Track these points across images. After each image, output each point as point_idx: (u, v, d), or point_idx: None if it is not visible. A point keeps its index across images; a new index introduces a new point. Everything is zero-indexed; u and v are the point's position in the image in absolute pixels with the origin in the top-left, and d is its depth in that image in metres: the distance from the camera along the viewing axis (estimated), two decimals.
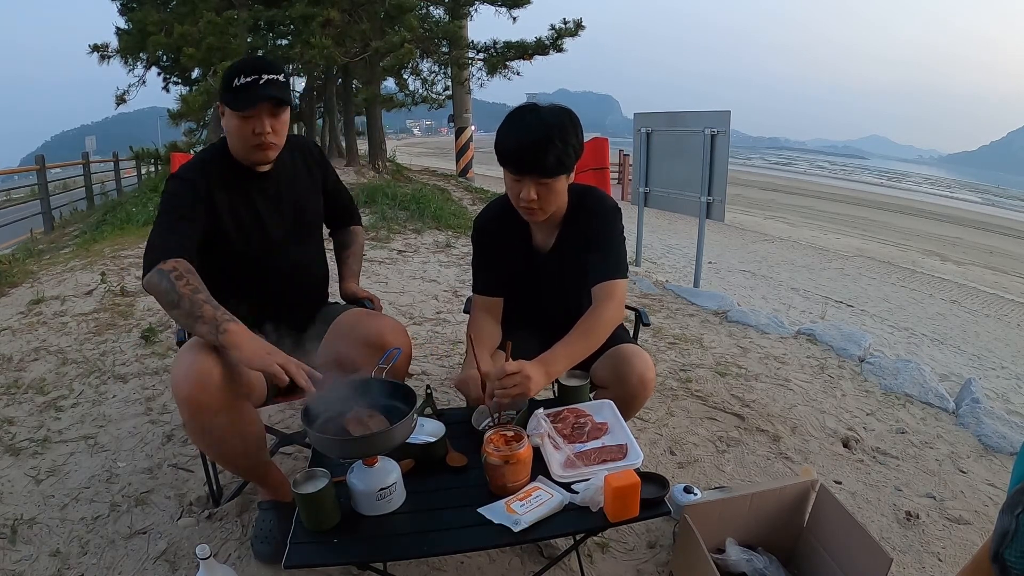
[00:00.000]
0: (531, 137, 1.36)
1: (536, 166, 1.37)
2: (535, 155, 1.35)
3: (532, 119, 1.38)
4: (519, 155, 1.38)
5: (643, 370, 1.48)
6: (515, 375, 1.25)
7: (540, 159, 1.36)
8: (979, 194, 38.68)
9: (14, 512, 1.66)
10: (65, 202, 9.73)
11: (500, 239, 1.61)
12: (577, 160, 1.42)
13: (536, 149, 1.35)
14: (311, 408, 1.18)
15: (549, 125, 1.36)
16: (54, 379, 2.47)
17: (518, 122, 1.39)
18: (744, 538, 1.49)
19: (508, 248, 1.61)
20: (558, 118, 1.39)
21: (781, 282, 6.52)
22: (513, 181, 1.42)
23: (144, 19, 8.08)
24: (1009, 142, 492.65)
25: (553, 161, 1.36)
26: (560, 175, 1.40)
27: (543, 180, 1.39)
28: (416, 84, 12.37)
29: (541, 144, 1.35)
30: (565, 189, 1.47)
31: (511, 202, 1.49)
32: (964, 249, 12.65)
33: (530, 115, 1.40)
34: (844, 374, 2.87)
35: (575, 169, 1.46)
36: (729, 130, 4.06)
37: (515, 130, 1.39)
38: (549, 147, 1.35)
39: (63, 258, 4.68)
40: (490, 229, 1.62)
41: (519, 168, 1.39)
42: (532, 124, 1.37)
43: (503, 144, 1.39)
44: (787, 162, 61.25)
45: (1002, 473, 2.14)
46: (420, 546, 1.11)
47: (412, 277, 4.08)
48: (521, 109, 1.43)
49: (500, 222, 1.59)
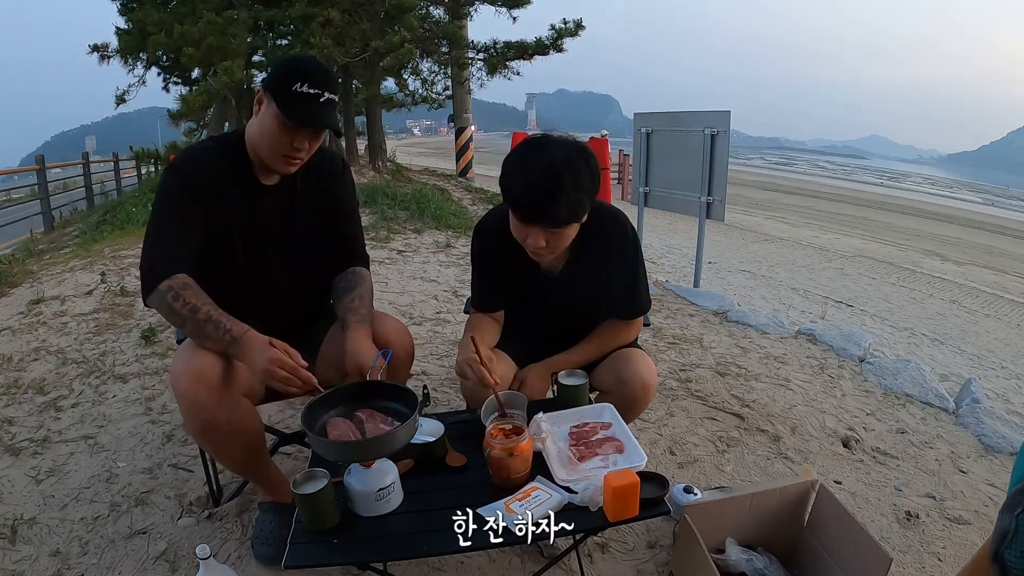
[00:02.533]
0: (540, 184, 1.22)
1: (545, 216, 1.25)
2: (544, 204, 1.23)
3: (541, 162, 1.24)
4: (527, 203, 1.26)
5: (646, 375, 1.48)
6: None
7: (549, 209, 1.23)
8: (979, 194, 38.67)
9: (14, 512, 1.66)
10: (65, 202, 9.73)
11: (502, 257, 1.49)
12: (592, 204, 1.31)
13: (545, 198, 1.22)
14: (311, 411, 1.18)
15: (559, 169, 1.22)
16: (54, 379, 2.47)
17: (525, 164, 1.26)
18: (744, 538, 1.49)
19: (511, 268, 1.50)
20: (569, 160, 1.24)
21: (781, 282, 6.52)
22: (520, 225, 1.30)
23: (144, 19, 8.06)
24: (1009, 142, 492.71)
25: (565, 211, 1.24)
26: (572, 224, 1.29)
27: (553, 229, 1.28)
28: (416, 84, 12.36)
29: (551, 193, 1.22)
30: (577, 229, 1.34)
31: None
32: (964, 249, 12.64)
33: (539, 156, 1.25)
34: (844, 374, 2.87)
35: None
36: (729, 130, 4.05)
37: (523, 172, 1.25)
38: (559, 195, 1.22)
39: (63, 258, 4.68)
40: (491, 246, 1.51)
41: (526, 217, 1.27)
42: (541, 167, 1.23)
43: (509, 187, 1.28)
44: (787, 162, 61.22)
45: (1002, 473, 2.14)
46: (420, 546, 1.11)
47: (412, 277, 4.08)
48: (529, 146, 1.29)
49: (502, 239, 1.43)
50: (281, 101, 1.28)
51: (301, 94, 1.27)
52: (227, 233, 1.40)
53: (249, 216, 1.42)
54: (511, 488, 1.19)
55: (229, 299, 1.36)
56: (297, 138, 1.31)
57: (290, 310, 1.55)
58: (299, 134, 1.31)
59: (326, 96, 1.29)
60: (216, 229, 1.38)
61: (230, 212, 1.39)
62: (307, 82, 1.26)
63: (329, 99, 1.30)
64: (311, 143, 1.35)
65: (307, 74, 1.27)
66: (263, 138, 1.33)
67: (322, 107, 1.29)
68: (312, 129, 1.32)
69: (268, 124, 1.31)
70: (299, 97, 1.27)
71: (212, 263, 1.40)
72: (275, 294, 1.51)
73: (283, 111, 1.28)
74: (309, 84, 1.26)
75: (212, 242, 1.39)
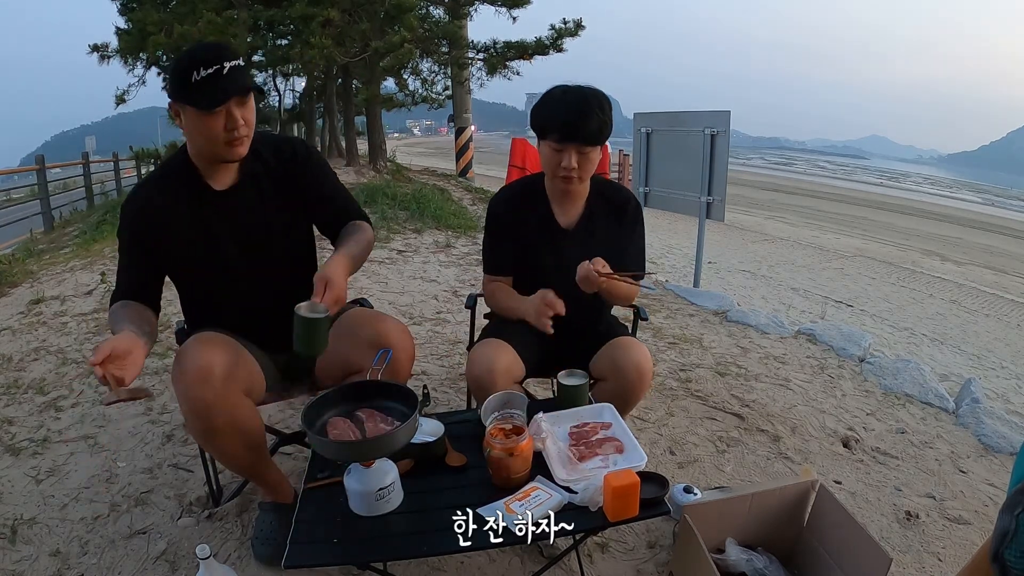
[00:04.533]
0: (576, 107, 1.46)
1: (580, 133, 1.46)
2: (581, 123, 1.45)
3: (573, 92, 1.50)
4: (565, 124, 1.47)
5: (640, 360, 1.52)
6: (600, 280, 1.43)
7: (585, 126, 1.46)
8: (979, 194, 38.66)
9: (14, 512, 1.66)
10: (65, 202, 9.71)
11: (518, 216, 1.67)
12: (609, 133, 1.53)
13: (582, 117, 1.46)
14: (311, 411, 1.18)
15: (589, 97, 1.48)
16: (54, 379, 2.47)
17: (559, 97, 1.50)
18: (744, 538, 1.49)
19: (527, 225, 1.67)
20: (595, 92, 1.51)
21: (781, 282, 6.53)
22: (553, 152, 1.51)
23: (144, 19, 8.06)
24: (1009, 142, 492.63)
25: (596, 129, 1.47)
26: (600, 144, 1.51)
27: (584, 148, 1.49)
28: (416, 84, 12.36)
29: (585, 113, 1.46)
30: (597, 161, 1.56)
31: (530, 173, 1.64)
32: (964, 249, 12.64)
33: (571, 90, 1.50)
34: (844, 374, 2.87)
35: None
36: (729, 130, 4.05)
37: (558, 103, 1.49)
38: (592, 116, 1.46)
39: (63, 258, 4.68)
40: (506, 208, 1.70)
41: (564, 136, 1.48)
42: (574, 96, 1.48)
43: (548, 116, 1.49)
44: (787, 162, 61.20)
45: (1002, 473, 2.14)
46: (420, 546, 1.11)
47: (412, 277, 4.08)
48: (557, 88, 1.53)
49: (517, 200, 1.69)
50: (190, 98, 1.26)
51: (201, 80, 1.24)
52: (192, 245, 1.42)
53: (206, 224, 1.42)
54: (511, 488, 1.19)
55: (214, 306, 1.47)
56: (227, 120, 1.29)
57: (274, 311, 1.50)
58: (224, 114, 1.28)
59: (226, 66, 1.25)
60: (176, 248, 1.41)
61: (187, 226, 1.40)
62: (200, 66, 1.24)
63: (231, 67, 1.26)
64: (241, 114, 1.30)
65: (196, 60, 1.25)
66: (199, 138, 1.33)
67: (227, 77, 1.25)
68: (232, 102, 1.28)
69: (194, 125, 1.30)
70: (202, 84, 1.24)
71: (191, 277, 1.47)
72: (255, 295, 1.49)
73: (197, 105, 1.26)
74: (203, 66, 1.24)
75: (180, 259, 1.43)
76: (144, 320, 1.34)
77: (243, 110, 1.31)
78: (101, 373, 1.09)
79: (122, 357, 1.11)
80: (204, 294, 1.50)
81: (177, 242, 1.41)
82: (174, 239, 1.40)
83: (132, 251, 1.42)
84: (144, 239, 1.40)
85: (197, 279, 1.48)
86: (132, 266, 1.42)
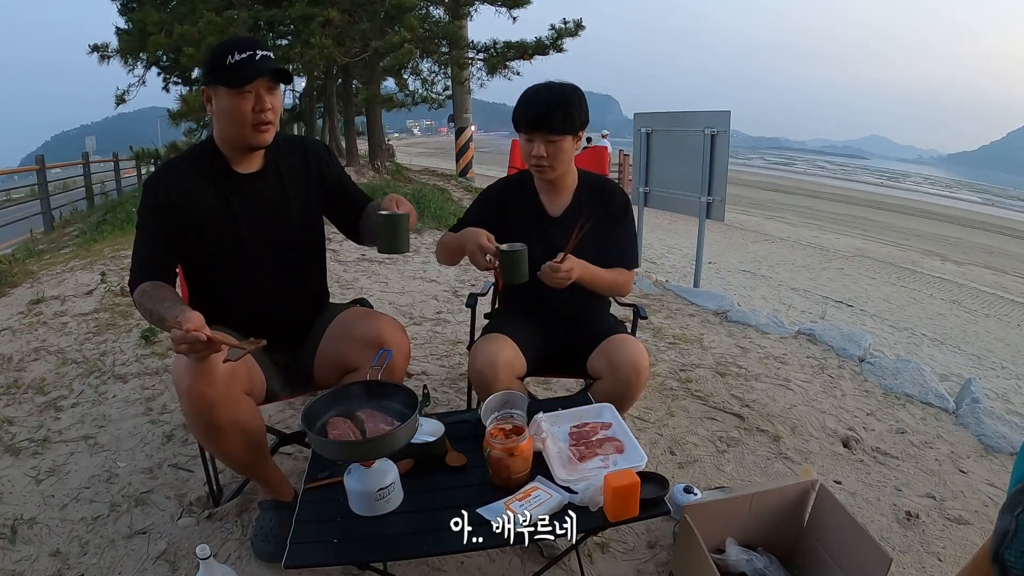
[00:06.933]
0: (543, 100, 1.60)
1: (544, 123, 1.59)
2: (545, 113, 1.58)
3: (543, 87, 1.64)
4: (532, 116, 1.60)
5: (636, 357, 1.53)
6: (566, 271, 1.49)
7: (548, 116, 1.58)
8: (979, 194, 38.67)
9: (14, 512, 1.66)
10: (65, 202, 9.72)
11: (509, 200, 1.78)
12: (582, 128, 1.64)
13: (546, 108, 1.58)
14: (311, 411, 1.18)
15: (556, 94, 1.61)
16: (54, 379, 2.47)
17: (532, 93, 1.63)
18: (744, 538, 1.49)
19: (516, 209, 1.76)
20: (563, 90, 1.63)
21: (781, 282, 6.53)
22: (526, 142, 1.64)
23: (144, 19, 8.06)
24: (1009, 142, 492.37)
25: (559, 121, 1.58)
26: (565, 135, 1.61)
27: (551, 138, 1.60)
28: (416, 84, 12.37)
29: (550, 105, 1.58)
30: (571, 152, 1.67)
31: (523, 169, 1.76)
32: (964, 249, 12.65)
33: (541, 86, 1.65)
34: (844, 374, 2.87)
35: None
36: (729, 130, 4.05)
37: (529, 98, 1.62)
38: (555, 110, 1.58)
39: (63, 258, 4.68)
40: (498, 188, 1.82)
41: (530, 126, 1.61)
42: (542, 93, 1.62)
43: (519, 110, 1.63)
44: (787, 162, 61.20)
45: (1002, 473, 2.14)
46: (420, 546, 1.11)
47: (412, 277, 4.08)
48: (536, 85, 1.66)
49: (509, 187, 1.81)
50: (223, 78, 1.33)
51: (236, 62, 1.31)
52: (210, 223, 1.44)
53: (227, 204, 1.45)
54: (511, 488, 1.19)
55: (220, 297, 1.48)
56: (255, 100, 1.35)
57: (278, 302, 1.55)
58: (254, 96, 1.34)
59: (259, 53, 1.33)
60: (194, 223, 1.43)
61: (208, 203, 1.44)
62: (235, 50, 1.32)
63: (263, 55, 1.34)
64: (270, 99, 1.37)
65: (232, 46, 1.33)
66: (227, 120, 1.38)
67: (259, 62, 1.33)
68: (256, 81, 1.33)
69: (225, 106, 1.36)
70: (236, 65, 1.31)
71: (202, 258, 1.48)
72: (263, 284, 1.51)
73: (228, 83, 1.33)
74: (238, 51, 1.32)
75: (196, 236, 1.44)
76: (180, 299, 1.37)
77: (271, 97, 1.38)
78: (206, 336, 1.13)
79: (202, 327, 1.15)
80: (212, 280, 1.51)
81: (196, 217, 1.43)
82: (193, 214, 1.43)
83: (153, 224, 1.42)
84: (164, 211, 1.41)
85: (208, 260, 1.48)
86: (152, 240, 1.42)
